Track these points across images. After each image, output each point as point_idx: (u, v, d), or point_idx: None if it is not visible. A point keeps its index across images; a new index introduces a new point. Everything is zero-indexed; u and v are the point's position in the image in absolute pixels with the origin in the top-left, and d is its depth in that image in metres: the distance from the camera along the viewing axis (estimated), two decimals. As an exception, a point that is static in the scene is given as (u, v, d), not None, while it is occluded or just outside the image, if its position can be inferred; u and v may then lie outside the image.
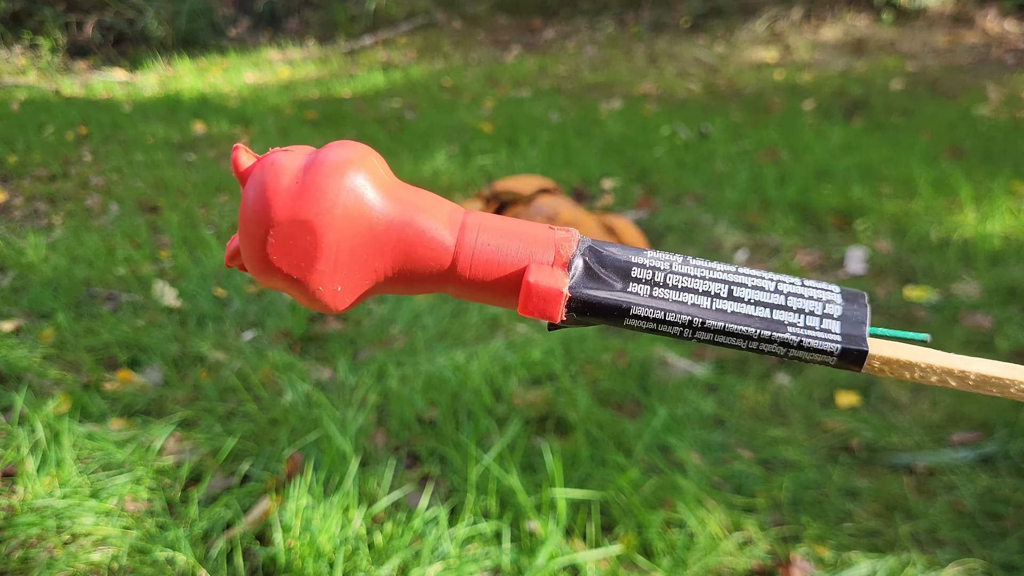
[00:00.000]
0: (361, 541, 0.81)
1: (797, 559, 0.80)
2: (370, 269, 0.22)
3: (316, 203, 0.21)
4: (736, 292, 0.22)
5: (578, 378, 1.12)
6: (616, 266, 0.22)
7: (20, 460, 0.92)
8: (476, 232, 0.22)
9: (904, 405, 1.09)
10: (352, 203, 0.21)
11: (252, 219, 0.21)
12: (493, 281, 0.22)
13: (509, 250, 0.22)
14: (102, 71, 4.51)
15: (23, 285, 1.50)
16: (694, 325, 0.21)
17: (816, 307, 0.21)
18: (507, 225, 0.23)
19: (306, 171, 0.21)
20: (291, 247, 0.21)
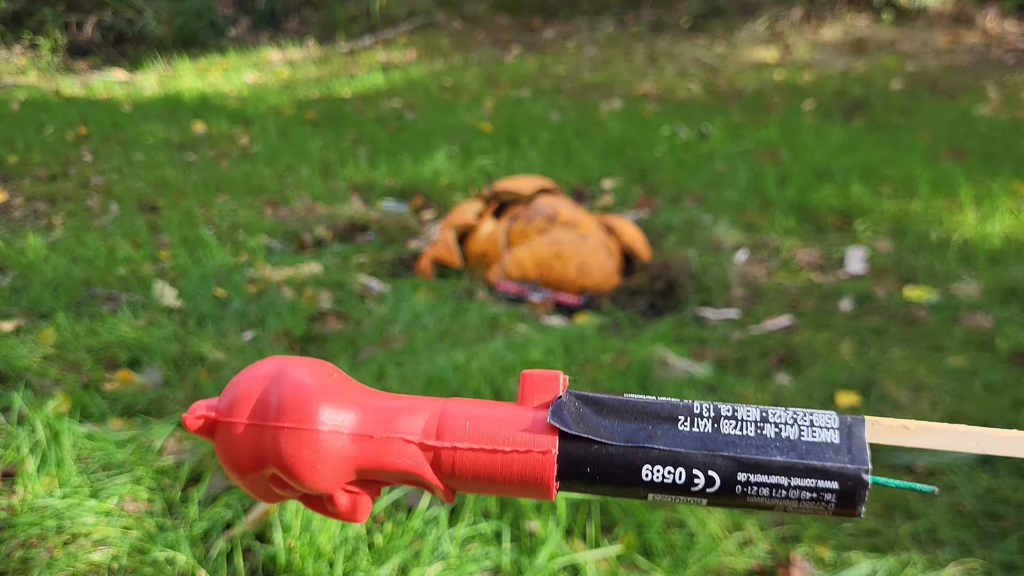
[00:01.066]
0: (361, 541, 0.81)
1: (797, 559, 0.80)
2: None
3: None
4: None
5: (578, 378, 1.12)
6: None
7: (20, 460, 0.92)
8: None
9: (904, 405, 1.09)
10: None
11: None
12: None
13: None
14: (102, 71, 4.51)
15: (23, 285, 1.50)
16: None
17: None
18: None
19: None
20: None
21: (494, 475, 0.21)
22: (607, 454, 0.21)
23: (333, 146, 2.65)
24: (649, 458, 0.21)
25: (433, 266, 1.62)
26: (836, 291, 1.48)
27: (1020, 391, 1.08)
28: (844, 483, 0.20)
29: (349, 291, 1.48)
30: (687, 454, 0.21)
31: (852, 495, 0.20)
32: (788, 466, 0.20)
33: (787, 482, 0.20)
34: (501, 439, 0.21)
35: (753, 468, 0.20)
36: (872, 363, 1.19)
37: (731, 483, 0.20)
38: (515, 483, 0.21)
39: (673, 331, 1.33)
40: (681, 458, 0.21)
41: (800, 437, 0.20)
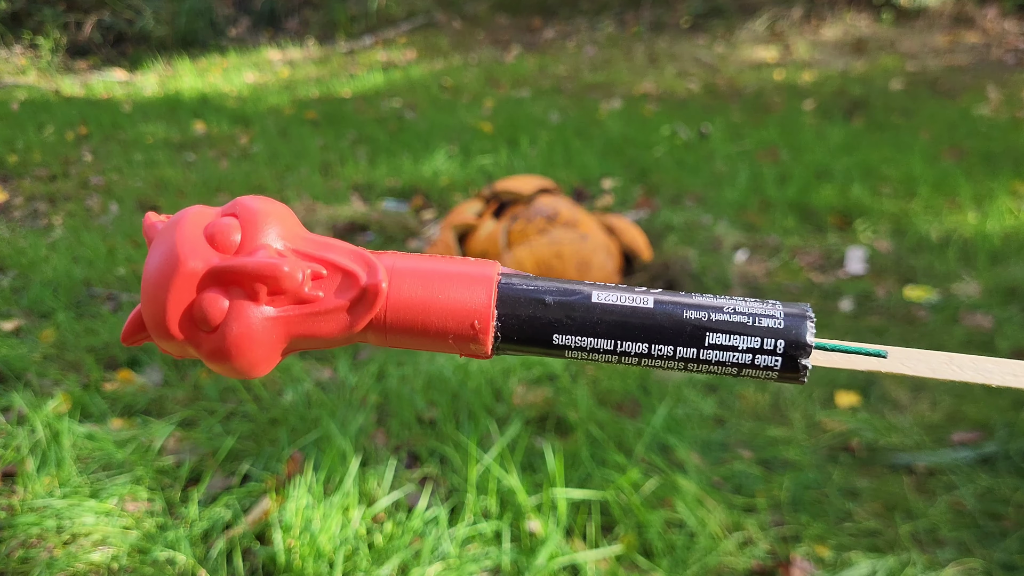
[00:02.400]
0: (361, 541, 0.81)
1: (797, 559, 0.80)
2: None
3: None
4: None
5: (578, 378, 1.12)
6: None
7: (20, 460, 0.92)
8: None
9: (904, 405, 1.09)
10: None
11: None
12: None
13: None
14: (102, 71, 4.51)
15: (23, 285, 1.50)
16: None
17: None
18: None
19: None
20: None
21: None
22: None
23: (333, 146, 2.65)
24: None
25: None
26: (836, 291, 1.48)
27: (1020, 391, 1.08)
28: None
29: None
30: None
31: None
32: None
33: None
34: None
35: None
36: (872, 363, 1.19)
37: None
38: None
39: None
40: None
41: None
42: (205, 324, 0.20)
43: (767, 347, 0.20)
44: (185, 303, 0.20)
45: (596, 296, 0.20)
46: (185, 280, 0.19)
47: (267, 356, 0.20)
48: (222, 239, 0.20)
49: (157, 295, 0.20)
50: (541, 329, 0.20)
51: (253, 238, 0.20)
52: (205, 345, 0.20)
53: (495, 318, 0.20)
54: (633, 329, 0.20)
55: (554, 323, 0.20)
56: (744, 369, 0.20)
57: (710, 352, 0.20)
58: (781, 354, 0.20)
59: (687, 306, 0.20)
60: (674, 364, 0.20)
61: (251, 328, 0.20)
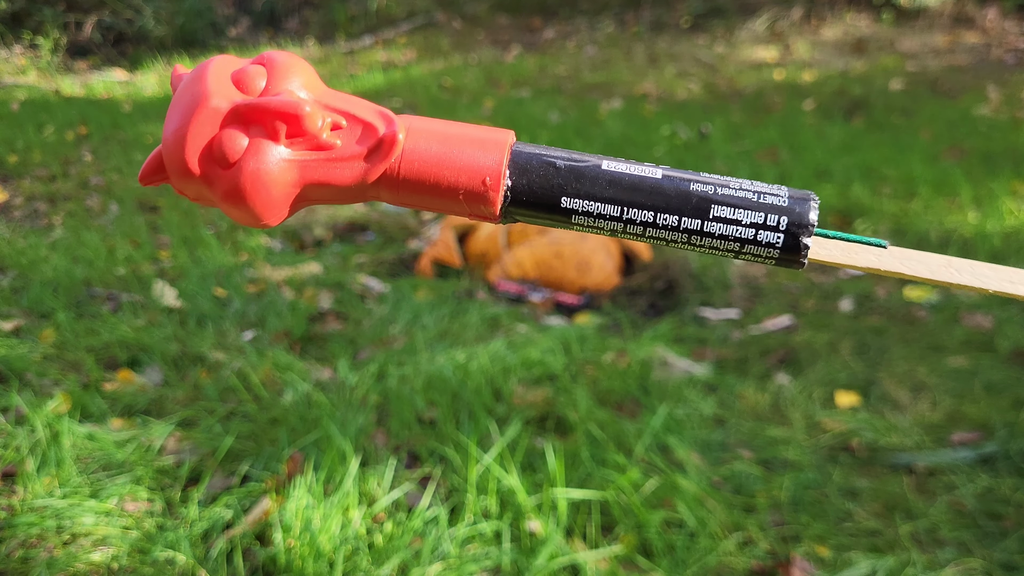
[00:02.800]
0: (361, 541, 0.81)
1: (797, 559, 0.80)
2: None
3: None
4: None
5: (578, 378, 1.12)
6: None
7: (20, 460, 0.92)
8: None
9: (904, 405, 1.09)
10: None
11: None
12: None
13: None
14: (102, 71, 4.51)
15: (23, 285, 1.50)
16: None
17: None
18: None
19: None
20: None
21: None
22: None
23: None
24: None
25: (433, 266, 1.62)
26: (836, 291, 1.48)
27: (1020, 391, 1.08)
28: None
29: (349, 291, 1.48)
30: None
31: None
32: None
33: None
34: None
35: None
36: (872, 363, 1.19)
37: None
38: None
39: (673, 331, 1.33)
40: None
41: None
42: (223, 160, 0.20)
43: (770, 223, 0.20)
44: (206, 138, 0.20)
45: (606, 165, 0.21)
46: (209, 115, 0.20)
47: (281, 199, 0.20)
48: (248, 83, 0.20)
49: (179, 130, 0.20)
50: (550, 191, 0.20)
51: (278, 85, 0.20)
52: (221, 183, 0.20)
53: (506, 177, 0.21)
54: (640, 196, 0.20)
55: (563, 186, 0.20)
56: (746, 245, 0.20)
57: (714, 224, 0.20)
58: (784, 231, 0.20)
59: (694, 180, 0.20)
60: (678, 236, 0.20)
61: (267, 165, 0.20)
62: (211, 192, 0.20)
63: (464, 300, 1.46)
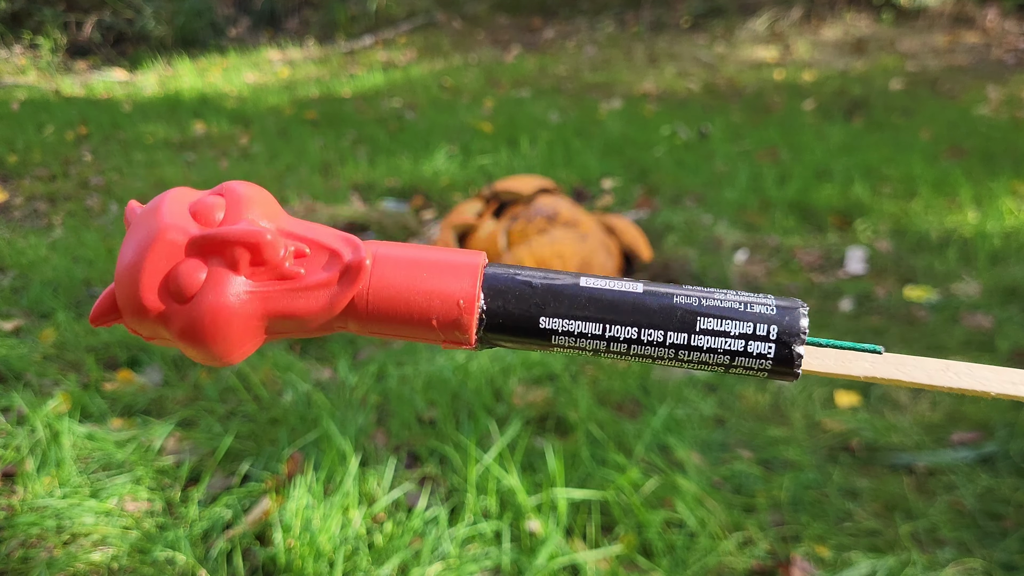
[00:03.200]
0: (361, 541, 0.81)
1: (797, 559, 0.80)
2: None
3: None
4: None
5: (578, 378, 1.12)
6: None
7: (20, 460, 0.92)
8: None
9: (904, 405, 1.09)
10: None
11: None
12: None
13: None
14: (102, 71, 4.51)
15: (23, 285, 1.50)
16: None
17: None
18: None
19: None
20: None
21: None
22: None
23: (333, 146, 2.65)
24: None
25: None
26: (836, 291, 1.48)
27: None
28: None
29: (349, 291, 1.48)
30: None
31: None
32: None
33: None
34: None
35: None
36: (872, 363, 1.19)
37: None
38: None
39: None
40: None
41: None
42: (180, 294, 0.19)
43: (759, 332, 0.19)
44: (162, 273, 0.19)
45: (584, 282, 0.20)
46: (165, 248, 0.19)
47: (242, 334, 0.19)
48: (205, 214, 0.20)
49: (133, 265, 0.19)
50: (527, 311, 0.20)
51: (237, 215, 0.20)
52: (178, 319, 0.19)
53: (480, 300, 0.20)
54: (622, 312, 0.20)
55: (541, 305, 0.20)
56: (736, 358, 0.20)
57: (701, 338, 0.19)
58: (774, 340, 0.19)
59: (677, 293, 0.20)
60: (664, 352, 0.20)
61: (227, 298, 0.19)
62: (167, 330, 0.19)
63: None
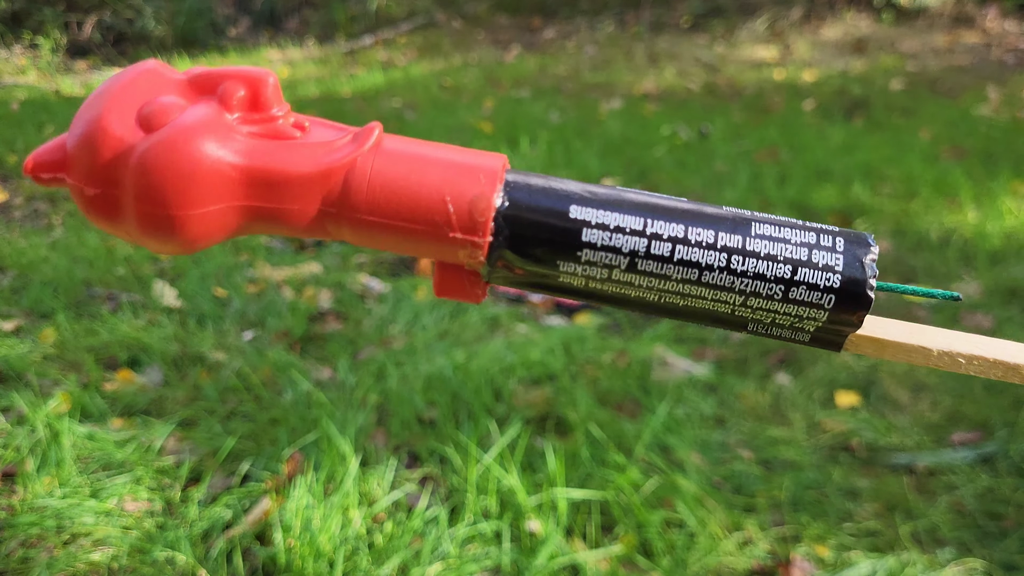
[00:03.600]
0: (361, 541, 0.81)
1: (797, 559, 0.80)
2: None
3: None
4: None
5: (578, 378, 1.12)
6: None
7: (20, 460, 0.92)
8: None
9: (904, 405, 1.09)
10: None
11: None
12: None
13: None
14: (102, 71, 4.51)
15: (23, 285, 1.50)
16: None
17: (813, 241, 0.17)
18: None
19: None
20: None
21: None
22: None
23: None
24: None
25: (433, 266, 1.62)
26: (836, 291, 1.48)
27: (1020, 391, 1.08)
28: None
29: (349, 291, 1.48)
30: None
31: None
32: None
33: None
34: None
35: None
36: (872, 363, 1.19)
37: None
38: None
39: (673, 331, 1.33)
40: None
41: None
42: (148, 123, 0.14)
43: (824, 242, 0.16)
44: (138, 100, 0.15)
45: (626, 191, 0.17)
46: (150, 76, 0.15)
47: (212, 191, 0.14)
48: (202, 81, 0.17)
49: (104, 91, 0.15)
50: (555, 204, 0.16)
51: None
52: (134, 156, 0.14)
53: (499, 193, 0.17)
54: (667, 210, 0.16)
55: (570, 196, 0.16)
56: (800, 270, 0.16)
57: (757, 243, 0.16)
58: (842, 252, 0.16)
59: (728, 209, 0.17)
60: (715, 258, 0.16)
61: (202, 129, 0.14)
62: (118, 179, 0.14)
63: (464, 300, 1.46)
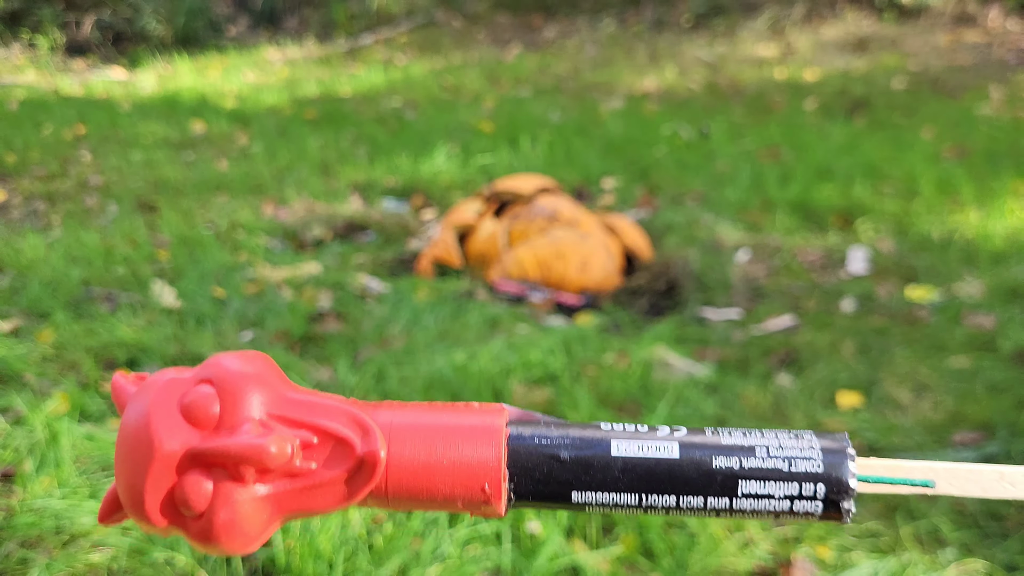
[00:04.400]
0: (361, 542, 0.80)
1: (798, 560, 0.80)
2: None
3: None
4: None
5: (579, 378, 1.12)
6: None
7: (19, 461, 0.92)
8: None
9: (906, 406, 1.08)
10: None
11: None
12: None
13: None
14: (100, 70, 4.51)
15: (22, 285, 1.50)
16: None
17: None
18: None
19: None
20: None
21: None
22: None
23: (332, 145, 2.65)
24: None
25: (433, 266, 1.62)
26: (838, 291, 1.47)
27: (1022, 391, 1.08)
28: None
29: (348, 291, 1.48)
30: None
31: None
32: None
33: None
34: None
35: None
36: (874, 363, 1.19)
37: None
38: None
39: (674, 331, 1.33)
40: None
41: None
42: (189, 510, 0.18)
43: (806, 493, 0.18)
44: (165, 488, 0.18)
45: (616, 448, 0.19)
46: (163, 464, 0.18)
47: (259, 532, 0.19)
48: (199, 413, 0.18)
49: (134, 482, 0.18)
50: (558, 488, 0.19)
51: (233, 410, 0.19)
52: (192, 529, 0.19)
53: (507, 479, 0.19)
54: (659, 482, 0.19)
55: (571, 481, 0.19)
56: (781, 515, 0.19)
57: (744, 501, 0.19)
58: (822, 499, 0.18)
59: (716, 451, 0.19)
60: (706, 514, 0.19)
61: (240, 512, 0.18)
62: (182, 533, 0.19)
63: (464, 300, 1.45)
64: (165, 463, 0.18)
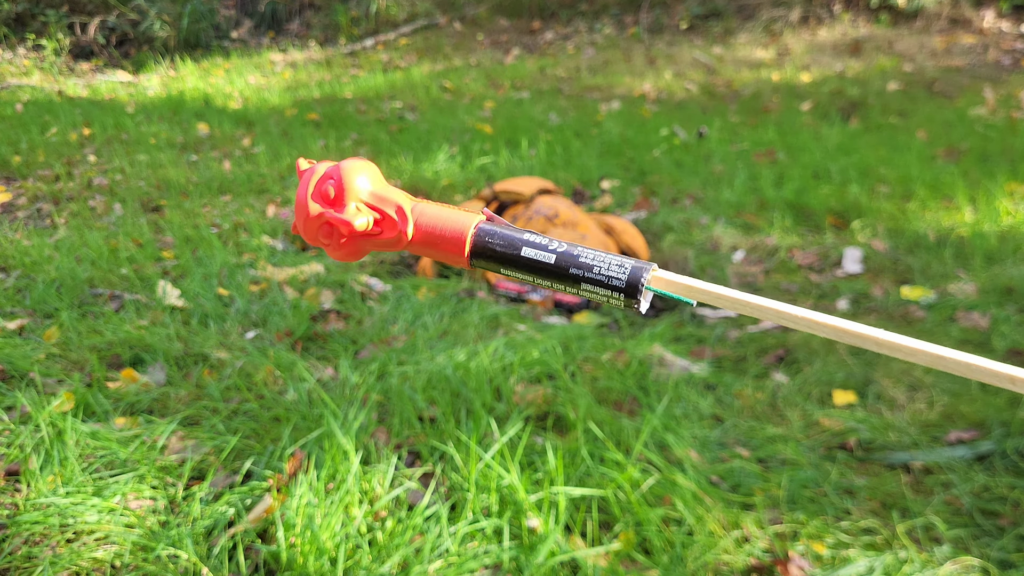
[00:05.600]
0: (362, 538, 0.81)
1: (795, 556, 0.81)
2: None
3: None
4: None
5: (577, 377, 1.13)
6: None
7: (24, 458, 0.93)
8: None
9: (901, 403, 1.09)
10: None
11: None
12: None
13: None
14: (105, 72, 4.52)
15: (27, 285, 1.51)
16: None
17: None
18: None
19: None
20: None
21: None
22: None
23: (335, 147, 2.66)
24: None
25: (434, 266, 1.63)
26: (833, 291, 1.49)
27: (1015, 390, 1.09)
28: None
29: (351, 291, 1.49)
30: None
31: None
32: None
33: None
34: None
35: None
36: (869, 362, 1.20)
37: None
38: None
39: (671, 330, 1.34)
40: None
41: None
42: (322, 241, 0.35)
43: (615, 294, 0.31)
44: (313, 229, 0.34)
45: (524, 252, 0.33)
46: (311, 218, 0.34)
47: (359, 252, 0.35)
48: (324, 196, 0.34)
49: (302, 224, 0.34)
50: (491, 264, 0.33)
51: (342, 196, 0.34)
52: (328, 247, 0.35)
53: (469, 247, 0.33)
54: (541, 273, 0.32)
55: (499, 260, 0.33)
56: (604, 301, 0.32)
57: (584, 292, 0.32)
58: (622, 297, 0.31)
59: (574, 264, 0.32)
60: (563, 290, 0.32)
61: (345, 244, 0.35)
62: (323, 247, 0.35)
63: (464, 300, 1.47)
64: (312, 218, 0.34)
